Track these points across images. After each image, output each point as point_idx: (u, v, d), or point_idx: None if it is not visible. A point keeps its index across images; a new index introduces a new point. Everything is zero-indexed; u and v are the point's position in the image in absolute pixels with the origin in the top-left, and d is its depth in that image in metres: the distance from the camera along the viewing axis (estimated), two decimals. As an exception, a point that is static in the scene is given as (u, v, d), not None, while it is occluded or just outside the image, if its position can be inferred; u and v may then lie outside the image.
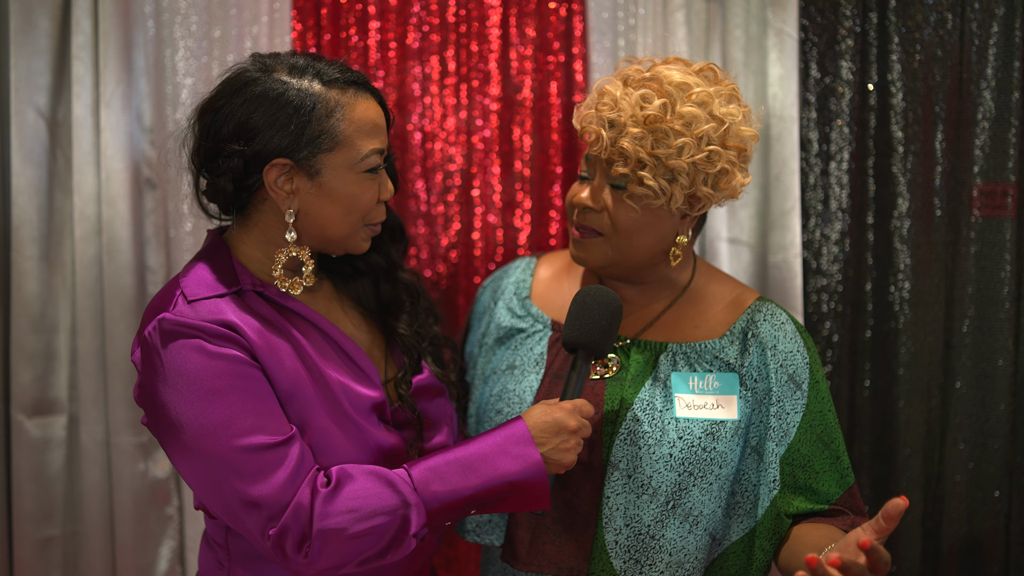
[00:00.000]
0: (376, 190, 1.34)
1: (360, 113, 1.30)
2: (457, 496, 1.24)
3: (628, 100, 1.34)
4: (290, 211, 1.30)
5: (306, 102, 1.27)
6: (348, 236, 1.35)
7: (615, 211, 1.39)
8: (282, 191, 1.29)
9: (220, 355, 1.22)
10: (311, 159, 1.27)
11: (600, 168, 1.40)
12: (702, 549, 1.41)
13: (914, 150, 2.07)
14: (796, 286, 2.01)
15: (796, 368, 1.41)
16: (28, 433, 1.95)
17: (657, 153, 1.32)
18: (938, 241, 2.08)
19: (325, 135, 1.27)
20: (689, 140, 1.32)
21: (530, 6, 2.02)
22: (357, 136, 1.29)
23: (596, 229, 1.42)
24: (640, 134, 1.32)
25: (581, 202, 1.42)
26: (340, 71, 1.32)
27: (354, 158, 1.30)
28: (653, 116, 1.32)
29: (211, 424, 1.19)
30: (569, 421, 1.30)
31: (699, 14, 2.02)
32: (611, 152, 1.35)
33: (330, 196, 1.30)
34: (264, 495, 1.18)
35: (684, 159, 1.32)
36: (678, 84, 1.35)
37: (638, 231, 1.40)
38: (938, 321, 2.10)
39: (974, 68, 2.04)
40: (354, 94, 1.31)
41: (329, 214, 1.31)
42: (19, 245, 1.92)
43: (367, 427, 1.31)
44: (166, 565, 2.02)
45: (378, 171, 1.34)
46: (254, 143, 1.26)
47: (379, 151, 1.32)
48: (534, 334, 1.53)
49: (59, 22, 1.92)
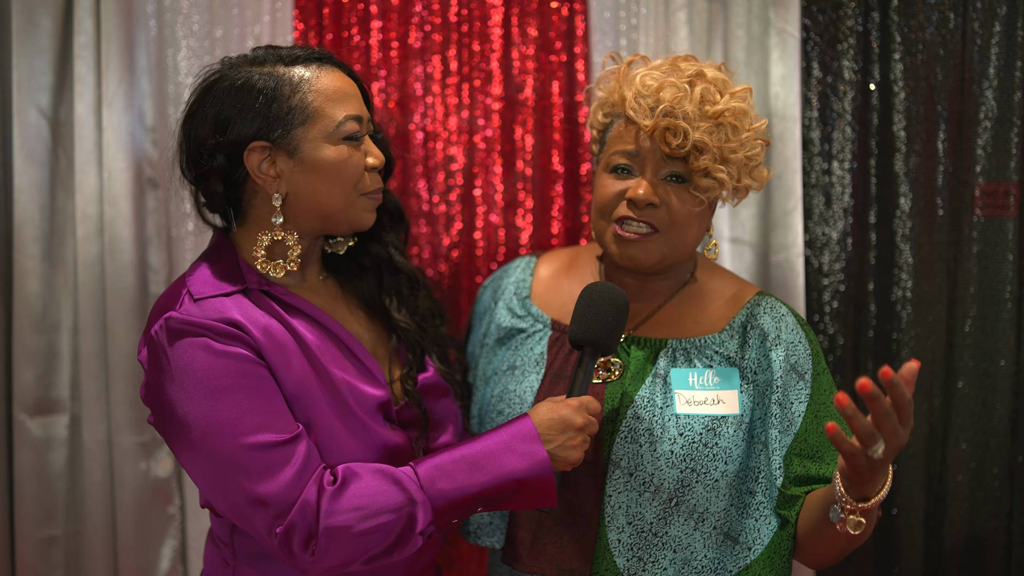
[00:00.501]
0: (360, 157, 1.33)
1: (326, 83, 1.31)
2: (463, 494, 1.24)
3: (690, 95, 1.37)
4: (276, 195, 1.31)
5: (269, 83, 1.29)
6: (345, 208, 1.34)
7: (677, 205, 1.39)
8: (267, 176, 1.30)
9: (227, 353, 1.22)
10: (286, 136, 1.29)
11: (652, 161, 1.39)
12: (712, 547, 1.39)
13: (916, 150, 2.06)
14: (798, 285, 2.01)
15: (799, 358, 1.41)
16: (30, 432, 1.95)
17: (725, 146, 1.36)
18: (940, 241, 2.08)
19: (295, 111, 1.28)
20: (749, 134, 1.38)
21: (532, 5, 2.02)
22: (327, 105, 1.30)
23: (655, 225, 1.40)
24: (709, 127, 1.36)
25: (644, 197, 1.38)
26: (301, 50, 1.33)
27: (328, 127, 1.30)
28: (719, 111, 1.36)
29: (218, 422, 1.20)
30: (575, 418, 1.30)
31: (701, 13, 2.02)
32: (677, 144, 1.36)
33: (314, 170, 1.30)
34: (271, 493, 1.18)
35: (743, 153, 1.38)
36: (722, 80, 1.40)
37: (691, 225, 1.42)
38: (940, 321, 2.10)
39: (976, 67, 2.04)
40: (318, 67, 1.32)
41: (318, 188, 1.31)
42: (21, 244, 1.92)
43: (373, 426, 1.31)
44: (168, 564, 2.02)
45: (359, 138, 1.33)
46: (228, 133, 1.28)
47: (354, 117, 1.32)
48: (534, 334, 1.53)
49: (61, 21, 1.93)
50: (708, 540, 1.39)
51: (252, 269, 1.34)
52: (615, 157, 1.42)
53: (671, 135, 1.36)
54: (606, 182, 1.43)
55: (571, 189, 2.07)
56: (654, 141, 1.38)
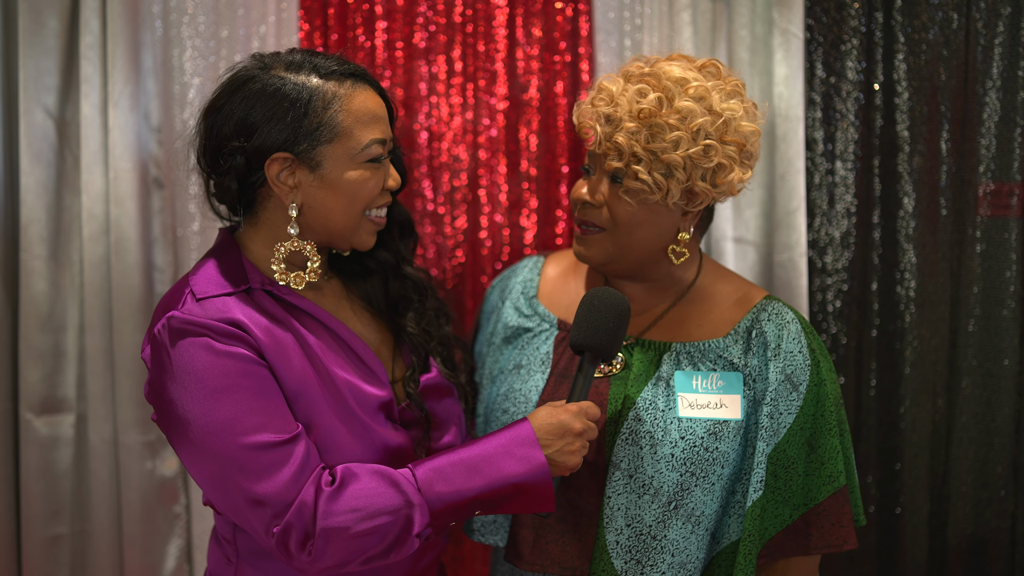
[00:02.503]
0: (379, 180, 1.34)
1: (358, 104, 1.31)
2: (461, 497, 1.24)
3: (625, 95, 1.35)
4: (293, 205, 1.31)
5: (303, 95, 1.28)
6: (351, 228, 1.35)
7: (613, 205, 1.40)
8: (285, 186, 1.30)
9: (227, 353, 1.22)
10: (311, 151, 1.28)
11: (599, 163, 1.41)
12: (703, 549, 1.40)
13: (919, 150, 2.06)
14: (802, 285, 2.01)
15: (795, 369, 1.40)
16: (36, 431, 1.96)
17: (652, 147, 1.33)
18: (944, 240, 2.08)
19: (324, 127, 1.28)
20: (684, 134, 1.32)
21: (536, 6, 2.03)
22: (356, 127, 1.30)
23: (596, 224, 1.42)
24: (635, 128, 1.33)
25: (580, 197, 1.43)
26: (337, 63, 1.32)
27: (354, 149, 1.30)
28: (648, 110, 1.33)
29: (217, 422, 1.20)
30: (574, 423, 1.29)
31: (705, 14, 2.02)
32: (606, 147, 1.36)
33: (332, 188, 1.31)
34: (268, 493, 1.19)
35: (679, 153, 1.33)
36: (676, 79, 1.36)
37: (637, 226, 1.40)
38: (943, 320, 2.10)
39: (979, 68, 2.04)
40: (351, 85, 1.32)
41: (332, 206, 1.32)
42: (27, 244, 1.93)
43: (374, 426, 1.32)
44: (173, 563, 2.03)
45: (380, 161, 1.34)
46: (253, 139, 1.27)
47: (380, 141, 1.32)
48: (540, 333, 1.53)
49: (67, 22, 1.93)
50: (701, 542, 1.40)
51: (256, 269, 1.34)
52: (585, 158, 1.47)
53: (594, 133, 1.38)
54: (576, 182, 1.48)
55: (575, 189, 2.07)
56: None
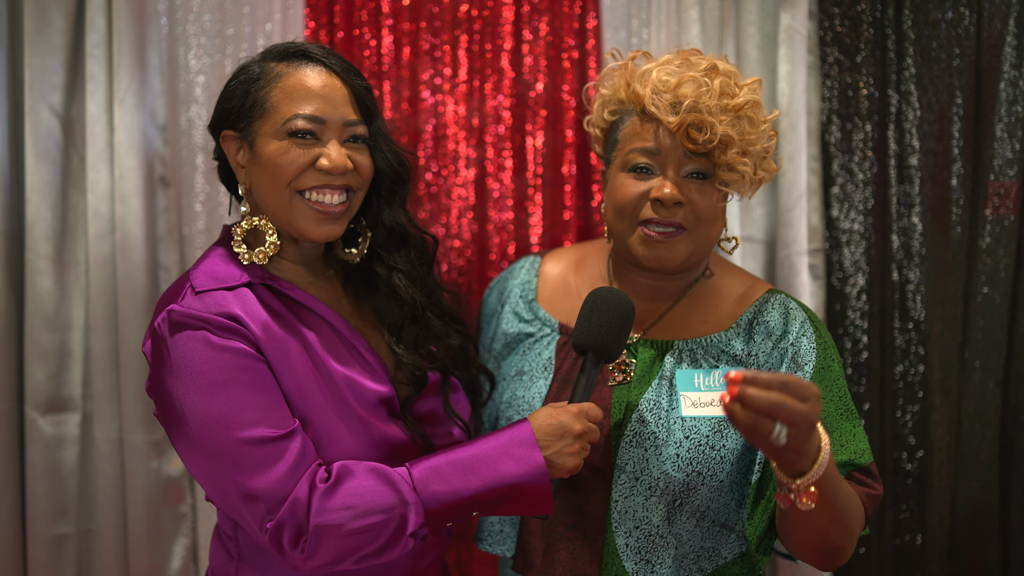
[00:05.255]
0: (301, 156, 1.29)
1: (295, 80, 1.30)
2: (457, 497, 1.23)
3: (711, 89, 1.34)
4: (241, 184, 1.34)
5: (252, 74, 1.32)
6: (283, 209, 1.31)
7: (700, 201, 1.36)
8: (239, 165, 1.34)
9: (225, 347, 1.22)
10: (248, 128, 1.31)
11: (674, 159, 1.36)
12: (709, 538, 1.39)
13: (930, 147, 2.05)
14: (804, 282, 1.99)
15: (799, 350, 1.38)
16: (42, 431, 1.96)
17: (747, 138, 1.35)
18: (955, 239, 2.07)
19: (257, 104, 1.30)
20: (766, 125, 1.37)
21: (543, 3, 2.02)
22: (284, 102, 1.29)
23: (682, 224, 1.37)
24: (732, 121, 1.34)
25: (672, 196, 1.35)
26: (299, 46, 1.34)
27: (277, 123, 1.29)
28: (739, 104, 1.34)
29: (213, 416, 1.20)
30: (574, 425, 1.28)
31: (712, 11, 2.01)
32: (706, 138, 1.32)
33: (259, 163, 1.31)
34: (263, 488, 1.18)
35: (761, 144, 1.37)
36: (734, 73, 1.39)
37: (716, 221, 1.40)
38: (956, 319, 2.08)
39: (991, 65, 2.02)
40: (298, 64, 1.32)
41: (261, 182, 1.32)
42: (33, 243, 1.92)
43: (372, 421, 1.31)
44: (179, 563, 2.02)
45: (308, 137, 1.30)
46: (214, 116, 1.34)
47: (308, 117, 1.28)
48: (542, 338, 1.51)
49: (73, 21, 1.93)
50: (707, 532, 1.38)
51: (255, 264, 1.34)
52: (633, 156, 1.38)
53: (695, 130, 1.33)
54: (625, 182, 1.39)
55: (582, 187, 2.06)
56: (675, 138, 1.35)
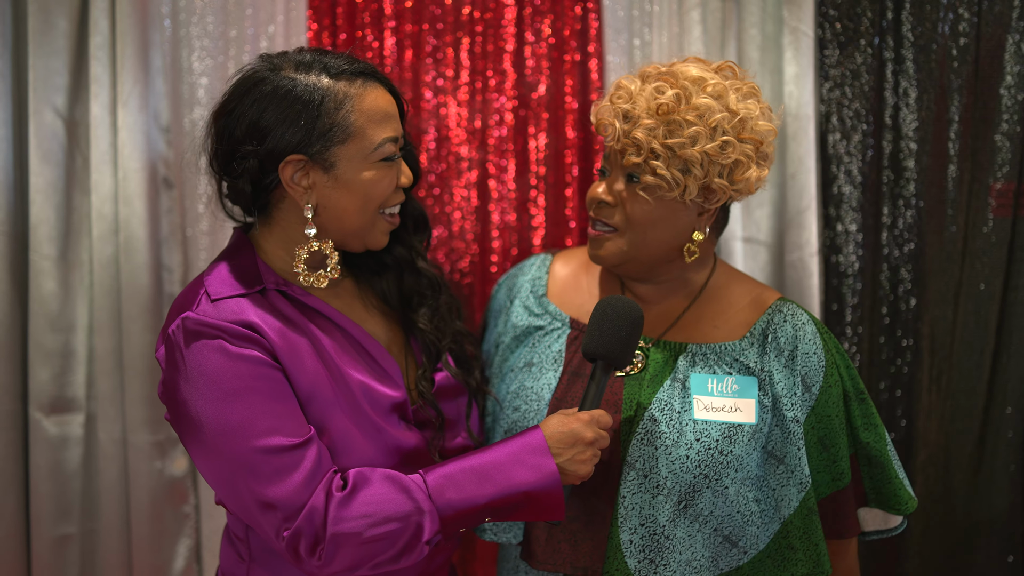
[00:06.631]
0: (392, 178, 1.35)
1: (370, 103, 1.31)
2: (471, 504, 1.24)
3: (643, 93, 1.36)
4: (308, 206, 1.30)
5: (314, 96, 1.27)
6: (366, 228, 1.35)
7: (629, 204, 1.39)
8: (299, 187, 1.30)
9: (241, 356, 1.22)
10: (324, 152, 1.28)
11: (616, 162, 1.41)
12: (710, 547, 1.39)
13: (929, 149, 2.06)
14: (813, 285, 2.00)
15: (810, 370, 1.41)
16: (46, 431, 1.96)
17: (670, 143, 1.33)
18: (952, 239, 2.07)
19: (336, 127, 1.28)
20: (702, 129, 1.33)
21: (545, 5, 2.02)
22: (368, 126, 1.30)
23: (610, 224, 1.42)
24: (653, 124, 1.33)
25: (596, 196, 1.42)
26: (347, 62, 1.32)
27: (367, 148, 1.30)
28: (666, 106, 1.33)
29: (230, 424, 1.20)
30: (586, 432, 1.29)
31: (714, 13, 2.02)
32: (624, 143, 1.36)
33: (347, 188, 1.31)
34: (279, 497, 1.19)
35: (696, 149, 1.33)
36: (694, 78, 1.36)
37: (652, 225, 1.40)
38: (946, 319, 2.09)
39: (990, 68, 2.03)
40: (362, 84, 1.31)
41: (346, 206, 1.32)
42: (37, 244, 1.93)
43: (387, 428, 1.31)
44: (183, 563, 2.03)
45: (394, 159, 1.34)
46: (267, 142, 1.27)
47: (392, 139, 1.32)
48: (552, 331, 1.53)
49: (77, 22, 1.93)
50: (707, 540, 1.39)
51: (270, 270, 1.34)
52: (600, 160, 1.47)
53: (613, 131, 1.38)
54: (592, 184, 1.47)
55: (585, 189, 2.06)
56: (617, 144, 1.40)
